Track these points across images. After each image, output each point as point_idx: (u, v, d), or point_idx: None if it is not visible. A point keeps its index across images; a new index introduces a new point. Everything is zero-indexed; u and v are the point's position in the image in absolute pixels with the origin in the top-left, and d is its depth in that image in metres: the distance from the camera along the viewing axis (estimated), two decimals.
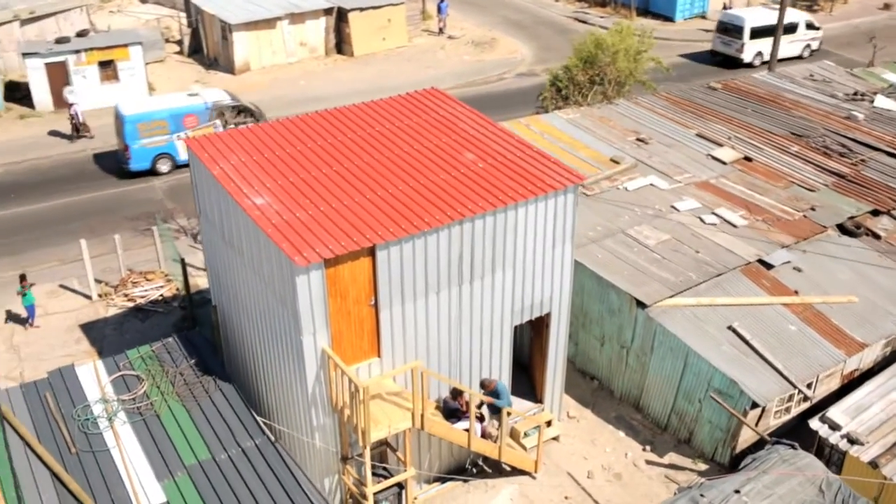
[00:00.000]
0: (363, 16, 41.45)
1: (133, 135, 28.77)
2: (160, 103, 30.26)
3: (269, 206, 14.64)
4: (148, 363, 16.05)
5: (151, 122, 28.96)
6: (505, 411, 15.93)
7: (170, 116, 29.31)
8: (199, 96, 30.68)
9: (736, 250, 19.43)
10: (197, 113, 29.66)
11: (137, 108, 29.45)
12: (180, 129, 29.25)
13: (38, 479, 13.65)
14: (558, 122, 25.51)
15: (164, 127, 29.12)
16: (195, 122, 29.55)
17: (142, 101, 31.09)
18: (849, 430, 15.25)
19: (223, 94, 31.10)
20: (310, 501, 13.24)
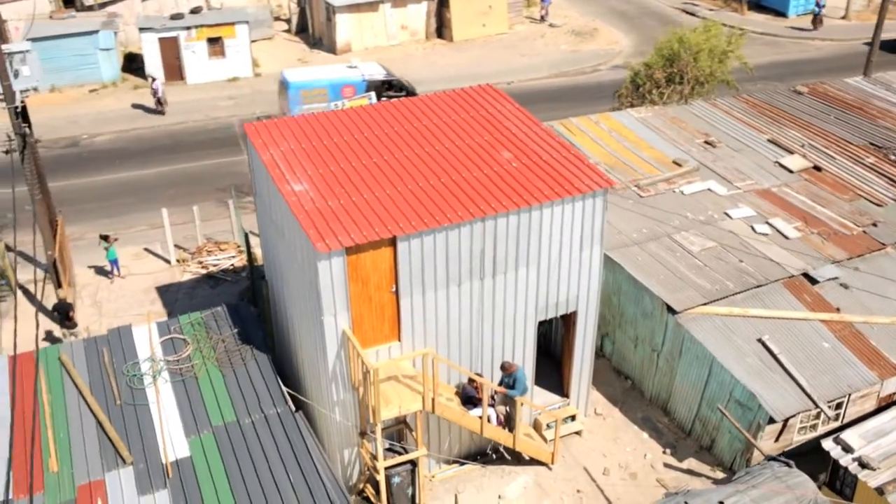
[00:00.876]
0: (464, 2, 42.11)
1: (296, 100, 30.84)
2: (322, 73, 32.40)
3: (307, 192, 15.67)
4: (196, 329, 17.48)
5: (313, 89, 31.08)
6: (518, 400, 16.50)
7: (330, 86, 31.34)
8: (357, 69, 32.68)
9: (782, 262, 19.22)
10: (354, 84, 31.61)
11: (302, 77, 31.70)
12: (338, 98, 31.30)
13: (85, 424, 15.25)
14: (628, 120, 25.56)
15: (324, 95, 31.14)
16: (352, 92, 31.49)
17: (306, 70, 33.37)
18: (861, 453, 15.08)
19: (378, 68, 32.96)
20: (316, 470, 14.28)
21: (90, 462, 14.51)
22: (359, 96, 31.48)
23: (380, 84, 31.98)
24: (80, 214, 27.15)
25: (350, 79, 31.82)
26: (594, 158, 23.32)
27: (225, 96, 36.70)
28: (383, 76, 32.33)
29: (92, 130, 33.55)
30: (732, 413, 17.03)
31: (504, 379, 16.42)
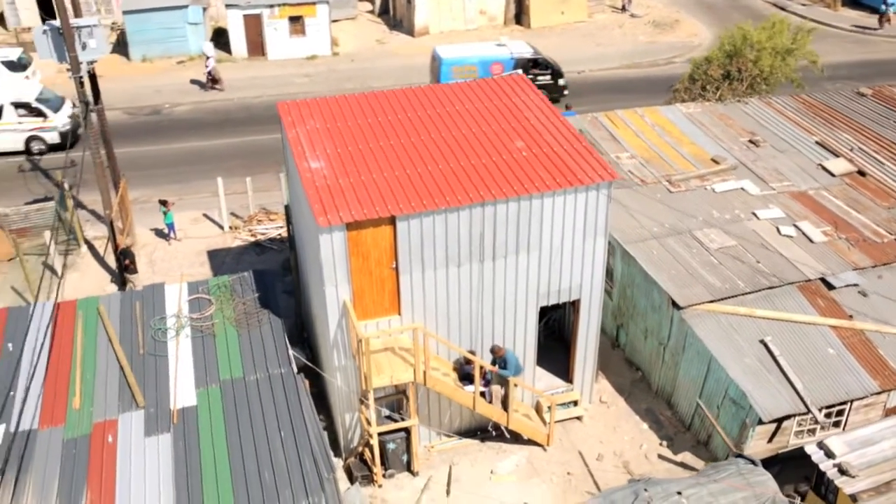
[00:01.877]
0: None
1: (447, 76, 32.47)
2: (473, 50, 33.88)
3: (321, 169, 16.66)
4: (221, 291, 18.76)
5: (464, 66, 32.62)
6: (512, 381, 17.12)
7: (480, 63, 32.84)
8: (505, 47, 34.04)
9: (800, 265, 19.12)
10: (503, 62, 32.99)
11: (453, 53, 33.29)
12: (487, 75, 32.40)
13: (110, 369, 16.74)
14: (674, 115, 25.55)
15: (473, 72, 32.55)
16: (500, 69, 32.88)
17: (457, 47, 34.88)
18: (842, 460, 15.09)
19: (526, 47, 34.27)
20: (306, 428, 15.32)
21: (108, 403, 15.97)
22: (507, 73, 32.63)
23: (527, 62, 33.27)
24: (150, 179, 29.02)
25: (499, 56, 33.19)
26: (631, 151, 23.55)
27: (302, 73, 38.20)
28: (530, 54, 33.61)
29: (173, 100, 35.58)
30: (727, 411, 17.21)
31: (496, 361, 17.06)
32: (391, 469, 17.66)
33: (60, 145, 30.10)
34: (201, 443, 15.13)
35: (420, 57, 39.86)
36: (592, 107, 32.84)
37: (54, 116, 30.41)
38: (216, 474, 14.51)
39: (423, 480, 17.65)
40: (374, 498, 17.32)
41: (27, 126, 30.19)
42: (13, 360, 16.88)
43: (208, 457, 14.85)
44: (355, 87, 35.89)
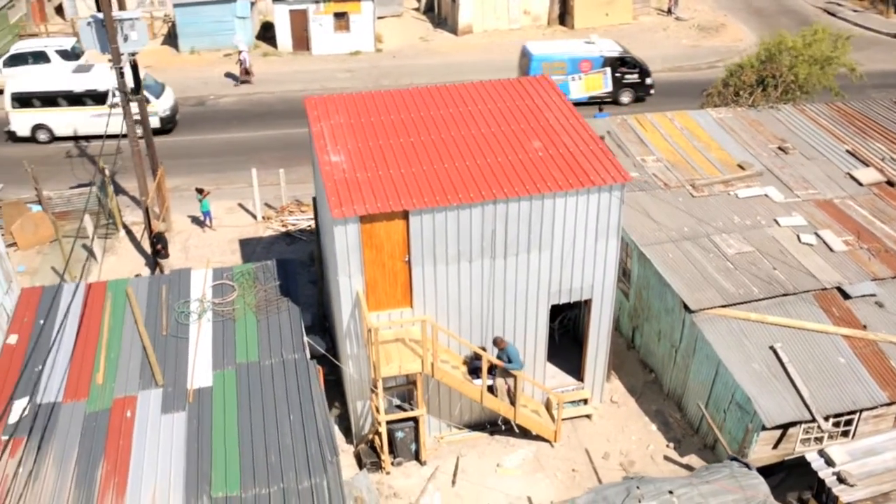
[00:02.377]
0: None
1: (537, 71, 33.21)
2: (563, 48, 34.60)
3: (341, 163, 17.18)
4: (244, 278, 19.40)
5: (554, 62, 33.35)
6: (518, 375, 17.43)
7: (570, 60, 33.62)
8: (595, 45, 34.77)
9: (818, 274, 19.08)
10: (592, 60, 33.73)
11: (544, 50, 34.10)
12: (576, 72, 33.59)
13: (133, 348, 17.49)
14: (705, 119, 25.54)
15: (563, 68, 33.40)
16: (589, 67, 33.72)
17: (547, 44, 35.58)
18: (842, 468, 15.13)
19: (615, 46, 34.96)
20: (314, 413, 15.85)
21: (129, 380, 16.70)
22: (595, 71, 33.63)
23: (615, 60, 33.84)
24: (191, 167, 29.95)
25: (588, 55, 33.90)
26: (658, 155, 23.64)
27: (344, 69, 38.88)
28: (618, 53, 34.20)
29: (219, 92, 36.54)
30: (733, 415, 17.31)
31: (499, 355, 17.38)
32: (399, 457, 18.13)
33: (160, 130, 31.68)
34: (214, 422, 15.75)
35: (461, 55, 40.37)
36: (630, 109, 33.02)
37: (156, 102, 31.68)
38: (225, 452, 15.11)
39: (430, 470, 18.08)
40: (381, 484, 17.80)
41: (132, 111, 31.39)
42: (43, 336, 17.73)
43: (219, 435, 15.46)
44: (395, 83, 36.45)
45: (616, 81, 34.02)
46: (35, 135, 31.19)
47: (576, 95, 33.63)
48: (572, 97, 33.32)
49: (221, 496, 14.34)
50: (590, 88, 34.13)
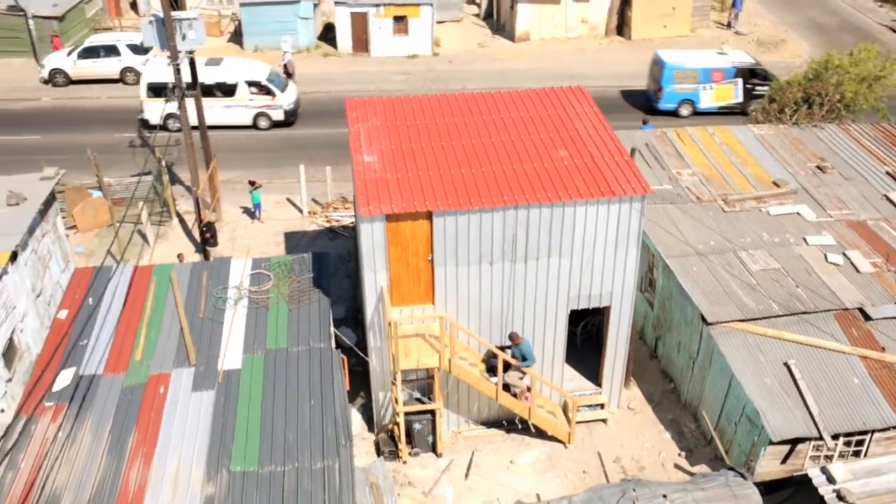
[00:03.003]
0: (647, 1, 42.46)
1: (669, 79, 34.01)
2: (695, 57, 35.04)
3: (373, 163, 18.00)
4: (280, 269, 20.36)
5: (686, 71, 33.95)
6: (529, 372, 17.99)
7: (701, 70, 34.02)
8: (726, 55, 35.22)
9: (840, 294, 19.19)
10: (723, 70, 34.17)
11: (677, 59, 34.67)
12: (708, 82, 34.04)
13: (172, 329, 18.58)
14: (745, 135, 25.67)
15: (694, 77, 33.99)
16: (720, 77, 34.14)
17: (680, 53, 36.06)
18: (843, 486, 15.33)
19: (747, 57, 35.41)
20: (333, 399, 16.69)
21: (165, 358, 17.78)
22: (726, 81, 34.00)
23: (746, 71, 34.15)
24: (247, 161, 31.17)
25: (720, 65, 34.26)
26: (694, 168, 23.90)
27: (400, 71, 39.78)
28: (750, 64, 34.54)
29: None
30: (743, 428, 17.59)
31: (513, 351, 17.95)
32: (417, 448, 18.86)
33: (283, 122, 33.57)
34: (239, 402, 16.71)
35: (517, 62, 40.85)
36: (678, 122, 33.17)
37: (281, 96, 33.35)
38: (247, 431, 16.05)
39: (445, 462, 18.77)
40: (397, 473, 18.55)
41: (257, 103, 33.22)
42: (91, 313, 18.96)
43: (243, 415, 16.41)
44: (449, 87, 37.18)
45: (746, 92, 33.86)
46: (166, 123, 32.63)
47: (705, 105, 33.97)
48: (702, 107, 34.07)
49: (239, 471, 15.27)
50: (720, 98, 34.16)
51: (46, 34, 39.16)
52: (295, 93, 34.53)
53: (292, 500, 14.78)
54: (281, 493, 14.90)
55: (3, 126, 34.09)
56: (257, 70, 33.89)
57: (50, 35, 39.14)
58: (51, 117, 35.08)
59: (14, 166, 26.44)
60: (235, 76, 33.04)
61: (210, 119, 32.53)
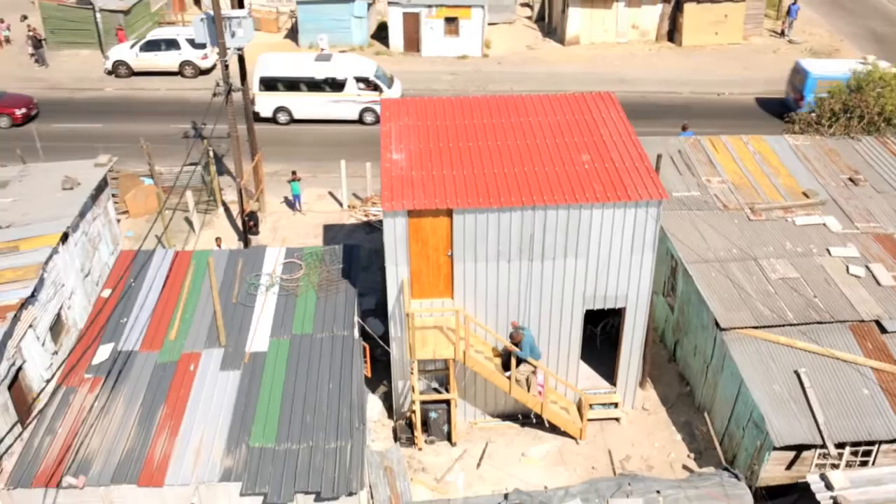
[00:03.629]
0: (699, 8, 42.41)
1: (811, 88, 33.62)
2: (841, 66, 33.70)
3: (400, 161, 18.79)
4: (312, 259, 21.31)
5: (830, 81, 32.12)
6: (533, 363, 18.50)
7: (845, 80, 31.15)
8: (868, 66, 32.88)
9: (858, 305, 19.31)
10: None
11: (821, 69, 34.34)
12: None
13: (206, 311, 19.64)
14: (780, 146, 25.75)
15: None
16: None
17: (823, 63, 35.81)
18: (840, 493, 15.59)
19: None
20: (351, 384, 17.53)
21: (197, 339, 18.86)
22: None
23: None
24: (292, 154, 32.27)
25: None
26: (724, 176, 24.13)
27: (449, 71, 40.53)
28: None
29: None
30: (750, 433, 17.90)
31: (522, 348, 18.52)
32: (432, 436, 19.60)
33: None
34: (262, 383, 17.68)
35: (565, 65, 41.24)
36: (719, 129, 33.16)
37: (388, 91, 34.47)
38: (268, 410, 17.00)
39: (459, 451, 19.48)
40: (412, 458, 19.31)
41: (364, 99, 34.33)
42: (132, 293, 20.15)
43: (265, 395, 17.37)
44: (496, 89, 37.80)
45: None
46: (276, 116, 34.28)
47: None
48: None
49: (258, 446, 16.22)
50: None
51: (112, 27, 40.94)
52: (400, 89, 35.40)
53: (305, 477, 15.67)
54: (294, 469, 15.81)
55: (67, 114, 35.87)
56: (365, 66, 35.00)
57: (115, 28, 40.90)
58: (112, 107, 36.73)
59: (74, 153, 27.91)
60: (345, 72, 34.16)
61: (317, 113, 34.45)
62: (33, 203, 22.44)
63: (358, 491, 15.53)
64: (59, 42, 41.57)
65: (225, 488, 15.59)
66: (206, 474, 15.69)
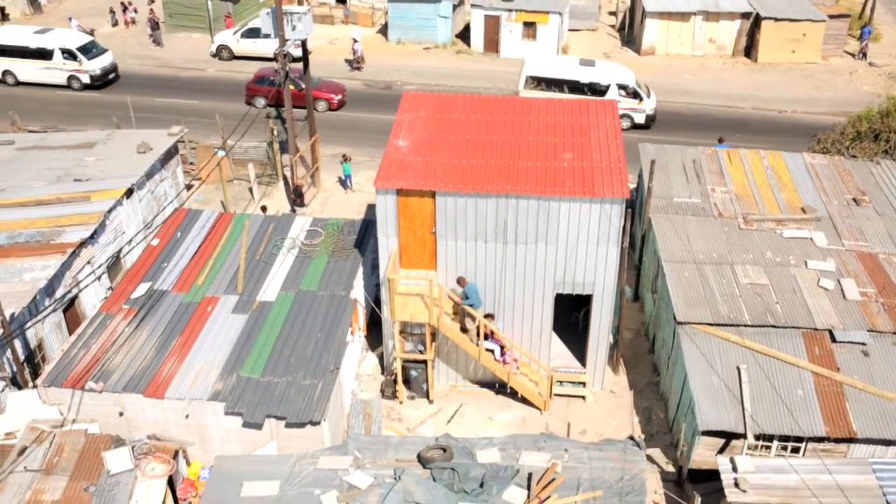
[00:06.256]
0: (777, 26, 42.89)
1: None
2: None
3: (402, 147, 21.36)
4: (333, 228, 24.19)
5: None
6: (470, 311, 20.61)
7: None
8: None
9: (815, 315, 20.51)
10: None
11: None
12: None
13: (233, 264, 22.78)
14: (795, 162, 26.77)
15: None
16: None
17: None
18: (742, 476, 17.12)
19: None
20: (335, 334, 20.26)
21: (220, 286, 22.03)
22: None
23: None
24: (351, 139, 35.31)
25: None
26: (730, 187, 25.47)
27: (513, 72, 42.63)
28: None
29: (406, 80, 41.76)
30: (689, 419, 19.54)
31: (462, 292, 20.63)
32: (412, 393, 22.11)
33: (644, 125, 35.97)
34: (263, 326, 20.64)
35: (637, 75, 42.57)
36: (761, 145, 34.05)
37: (646, 101, 35.82)
38: (261, 349, 19.94)
39: (434, 409, 21.90)
40: (392, 410, 21.88)
41: (624, 105, 35.01)
42: (176, 244, 23.57)
43: (263, 336, 20.32)
44: None
45: None
46: None
47: None
48: None
49: (245, 376, 19.19)
50: None
51: (222, 14, 45.26)
52: (654, 101, 36.44)
53: (277, 404, 18.53)
54: (271, 397, 18.68)
55: (171, 90, 40.25)
56: (627, 75, 36.32)
57: (224, 15, 45.18)
58: (211, 86, 40.91)
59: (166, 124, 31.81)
60: (608, 78, 35.70)
61: None
62: (110, 162, 26.29)
63: (319, 421, 18.24)
64: (175, 25, 46.28)
65: (212, 406, 18.63)
66: (198, 393, 18.77)
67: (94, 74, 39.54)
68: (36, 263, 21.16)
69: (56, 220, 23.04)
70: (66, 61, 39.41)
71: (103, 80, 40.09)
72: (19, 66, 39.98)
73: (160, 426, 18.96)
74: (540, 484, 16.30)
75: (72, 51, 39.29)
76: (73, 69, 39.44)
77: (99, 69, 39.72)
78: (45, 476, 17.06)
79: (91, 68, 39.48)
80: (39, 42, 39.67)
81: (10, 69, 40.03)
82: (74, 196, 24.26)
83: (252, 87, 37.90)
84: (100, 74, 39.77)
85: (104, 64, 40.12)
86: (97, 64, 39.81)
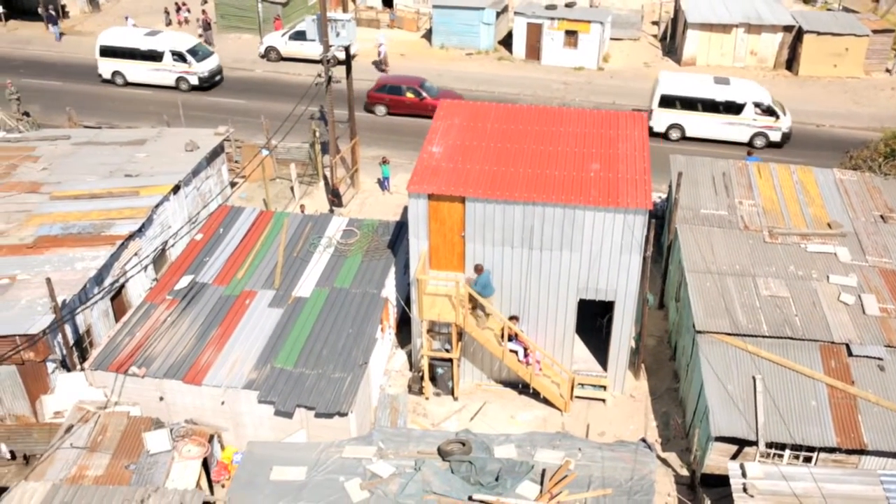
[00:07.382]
0: (819, 39, 42.95)
1: None
2: None
3: (436, 153, 22.24)
4: (368, 229, 25.16)
5: None
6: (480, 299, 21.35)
7: None
8: None
9: (834, 329, 20.93)
10: None
11: None
12: None
13: (271, 260, 23.83)
14: (825, 178, 27.08)
15: None
16: None
17: None
18: (751, 482, 17.68)
19: None
20: (366, 330, 21.20)
21: (258, 280, 23.12)
22: None
23: None
24: (391, 142, 36.30)
25: None
26: (757, 200, 25.90)
27: (561, 81, 43.34)
28: None
29: (448, 85, 42.53)
30: (704, 425, 20.12)
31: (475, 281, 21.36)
32: (438, 390, 22.97)
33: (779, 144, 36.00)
34: (298, 320, 21.67)
35: None
36: (795, 159, 34.36)
37: (782, 118, 35.84)
38: (294, 342, 20.96)
39: (459, 406, 22.74)
40: (418, 405, 22.75)
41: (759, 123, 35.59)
42: (219, 240, 24.73)
43: (297, 330, 21.34)
44: (598, 101, 40.33)
45: None
46: (668, 132, 36.39)
47: None
48: None
49: (279, 367, 20.22)
50: None
51: (271, 16, 46.61)
52: (790, 119, 36.22)
53: (308, 395, 19.52)
54: (302, 388, 19.68)
55: (220, 89, 41.69)
56: (762, 93, 36.36)
57: (274, 17, 46.53)
58: (258, 86, 42.24)
59: (214, 123, 33.19)
60: (745, 96, 35.77)
61: (711, 133, 36.13)
62: (160, 159, 27.59)
63: (347, 412, 19.19)
64: (227, 26, 47.77)
65: (246, 394, 19.69)
66: (234, 381, 19.85)
67: (202, 76, 41.02)
68: (87, 254, 22.45)
69: (107, 213, 24.35)
70: (176, 63, 40.88)
71: (210, 82, 41.55)
72: (129, 67, 41.45)
73: (197, 411, 20.07)
74: (552, 480, 17.06)
75: (182, 53, 40.75)
76: (181, 71, 40.92)
77: (206, 71, 41.23)
78: (89, 453, 18.27)
79: (199, 70, 40.95)
80: (150, 44, 41.07)
81: (120, 70, 41.57)
82: (124, 191, 25.56)
83: (373, 95, 38.72)
84: (207, 76, 41.27)
85: (211, 66, 41.62)
86: (205, 66, 41.26)
